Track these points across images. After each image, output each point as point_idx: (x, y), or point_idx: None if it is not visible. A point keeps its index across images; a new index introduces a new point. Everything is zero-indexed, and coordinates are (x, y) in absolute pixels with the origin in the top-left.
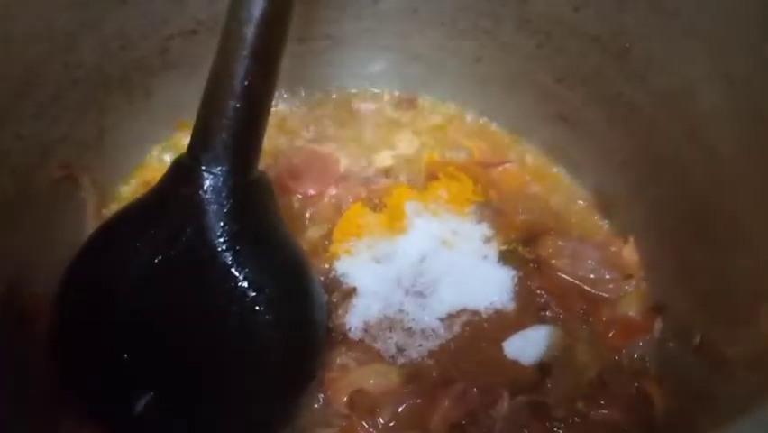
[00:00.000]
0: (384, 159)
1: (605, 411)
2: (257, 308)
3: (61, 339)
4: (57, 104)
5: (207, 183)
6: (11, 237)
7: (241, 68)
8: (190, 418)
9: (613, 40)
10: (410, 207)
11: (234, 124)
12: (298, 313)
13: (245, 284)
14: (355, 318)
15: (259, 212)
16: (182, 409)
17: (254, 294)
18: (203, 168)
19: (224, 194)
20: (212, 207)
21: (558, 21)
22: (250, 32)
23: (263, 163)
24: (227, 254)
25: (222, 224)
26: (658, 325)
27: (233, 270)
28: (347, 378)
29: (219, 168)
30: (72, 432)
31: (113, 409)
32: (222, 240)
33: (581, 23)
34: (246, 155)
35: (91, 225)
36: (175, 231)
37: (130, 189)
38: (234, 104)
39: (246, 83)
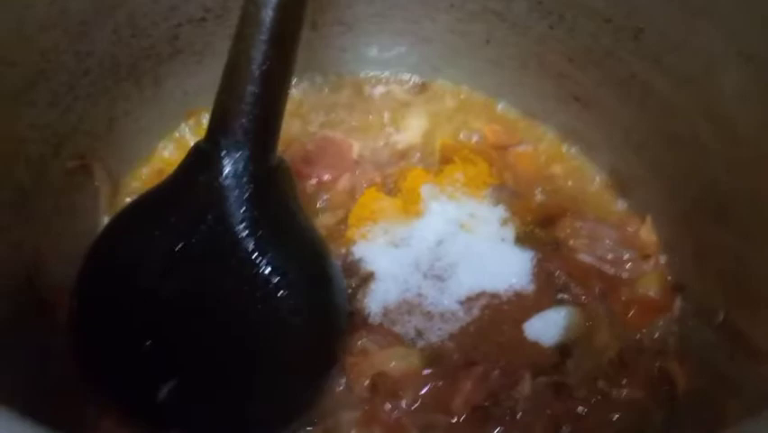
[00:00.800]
0: (398, 143)
1: (626, 390)
2: (279, 293)
3: (82, 328)
4: (69, 93)
5: (227, 169)
6: (28, 228)
7: (258, 52)
8: (213, 404)
9: (626, 20)
10: (426, 190)
11: (253, 110)
12: (320, 298)
13: (268, 270)
14: (374, 303)
15: (279, 197)
16: (205, 395)
17: (277, 280)
18: (222, 153)
19: (244, 180)
20: (232, 192)
21: (570, 2)
22: (267, 15)
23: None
24: (249, 240)
25: (243, 210)
26: (678, 304)
27: (254, 256)
28: (368, 362)
29: (239, 153)
30: (97, 420)
31: (136, 397)
32: (243, 226)
33: (594, 4)
34: (265, 140)
35: (105, 215)
36: (195, 218)
37: (142, 178)
38: (253, 89)
39: (264, 68)
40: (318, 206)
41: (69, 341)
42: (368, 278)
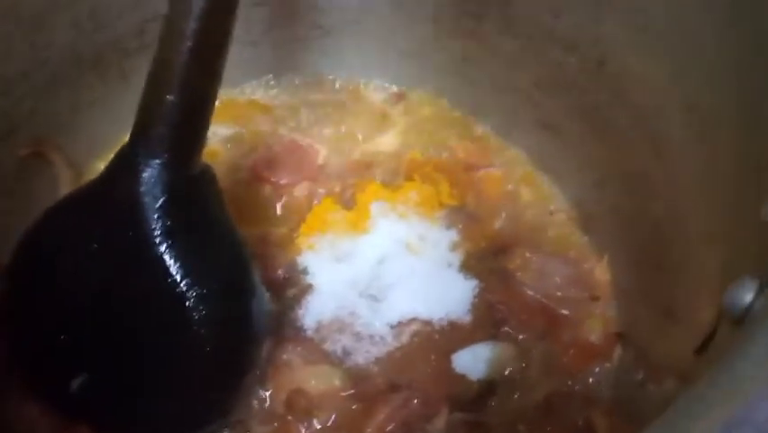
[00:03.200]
0: (365, 154)
1: None
2: (187, 303)
3: (7, 313)
4: (24, 81)
5: (143, 175)
6: None
7: (178, 62)
8: (121, 401)
9: (590, 50)
10: (376, 207)
11: (171, 119)
12: (234, 309)
13: (176, 278)
14: (309, 316)
15: (197, 207)
16: (113, 392)
17: (184, 289)
18: (139, 159)
19: (158, 188)
20: (145, 199)
21: (538, 26)
22: (188, 26)
23: (242, 150)
24: (159, 248)
25: (156, 216)
26: (618, 353)
27: (164, 264)
28: (290, 376)
29: (155, 161)
30: (18, 406)
31: (50, 387)
32: (155, 233)
33: (560, 31)
34: (184, 149)
35: None
36: (111, 220)
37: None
38: (172, 98)
39: (184, 78)
40: (275, 211)
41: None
42: (306, 290)
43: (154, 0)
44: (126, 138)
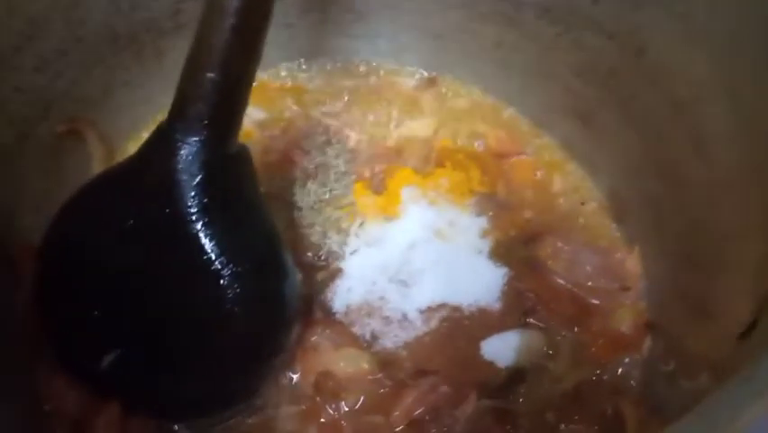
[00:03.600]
0: (396, 139)
1: (574, 426)
2: (221, 281)
3: (41, 290)
4: (60, 59)
5: (181, 153)
6: (4, 187)
7: (219, 40)
8: (152, 378)
9: (629, 39)
10: (407, 192)
11: (210, 97)
12: (265, 290)
13: (211, 256)
14: (338, 300)
15: (233, 186)
16: (144, 369)
17: (219, 267)
18: (177, 137)
19: (196, 165)
20: (183, 176)
21: (576, 12)
22: (231, 4)
23: (273, 132)
24: (195, 225)
25: (192, 194)
26: (647, 343)
27: (200, 241)
28: (319, 358)
29: (193, 138)
30: (47, 378)
31: (82, 362)
32: (191, 211)
33: (599, 18)
34: (222, 128)
35: None
36: (148, 197)
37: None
38: (212, 76)
39: (224, 56)
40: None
41: (31, 299)
42: (335, 273)
43: None
44: (158, 118)
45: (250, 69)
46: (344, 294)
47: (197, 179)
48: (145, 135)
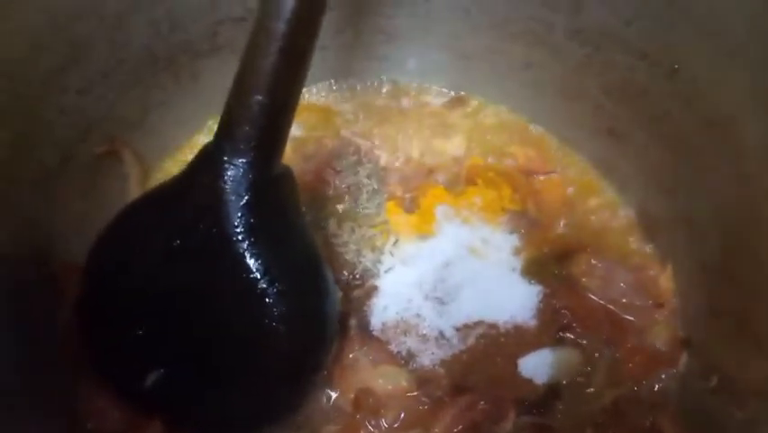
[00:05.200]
0: (426, 158)
1: None
2: (267, 300)
3: (85, 309)
4: (103, 81)
5: (228, 174)
6: (47, 208)
7: (267, 63)
8: (196, 396)
9: (661, 58)
10: (441, 211)
11: (257, 119)
12: (308, 308)
13: (257, 275)
14: (374, 318)
15: (277, 207)
16: (188, 387)
17: (264, 286)
18: (225, 158)
19: (243, 186)
20: (231, 197)
21: (608, 34)
22: (278, 28)
23: (304, 153)
24: (242, 245)
25: (239, 214)
26: (684, 360)
27: (246, 260)
28: (357, 376)
29: (241, 159)
30: (89, 396)
31: (125, 380)
32: (238, 231)
33: (631, 39)
34: (268, 150)
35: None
36: (195, 217)
37: (175, 167)
38: (260, 98)
39: (272, 79)
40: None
41: (75, 318)
42: (371, 291)
43: (228, 3)
44: (193, 138)
45: (295, 91)
46: (380, 312)
47: (244, 200)
48: (179, 155)
